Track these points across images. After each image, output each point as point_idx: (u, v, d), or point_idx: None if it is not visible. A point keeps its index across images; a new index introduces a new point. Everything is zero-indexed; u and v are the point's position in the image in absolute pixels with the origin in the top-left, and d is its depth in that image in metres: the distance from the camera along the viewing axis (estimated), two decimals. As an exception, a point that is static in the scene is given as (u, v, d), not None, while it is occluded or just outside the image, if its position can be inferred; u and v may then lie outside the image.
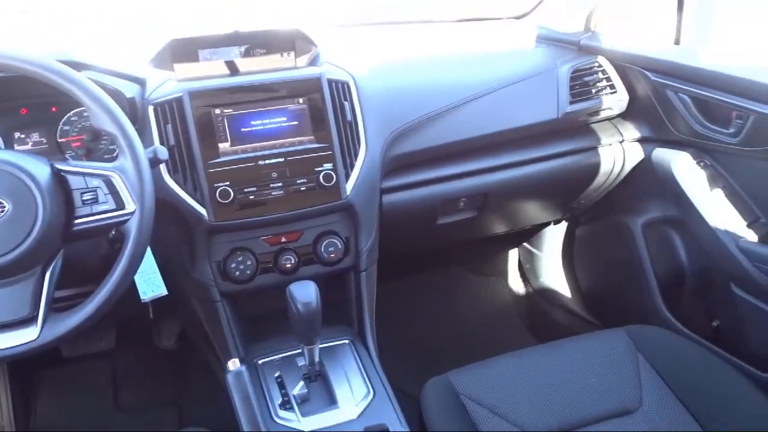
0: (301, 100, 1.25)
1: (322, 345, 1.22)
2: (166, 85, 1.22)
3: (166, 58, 1.24)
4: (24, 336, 0.90)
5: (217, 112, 1.20)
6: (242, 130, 1.21)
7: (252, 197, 1.20)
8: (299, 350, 1.24)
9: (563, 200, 1.82)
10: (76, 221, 0.92)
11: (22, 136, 1.24)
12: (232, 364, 1.02)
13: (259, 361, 1.27)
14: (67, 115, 1.26)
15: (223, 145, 1.20)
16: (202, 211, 1.17)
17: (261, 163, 1.21)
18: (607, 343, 1.30)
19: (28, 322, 0.90)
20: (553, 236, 2.12)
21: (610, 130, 1.67)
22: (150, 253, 1.18)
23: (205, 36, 1.25)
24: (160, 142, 1.17)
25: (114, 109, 0.94)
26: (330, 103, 1.26)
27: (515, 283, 2.35)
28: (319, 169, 1.24)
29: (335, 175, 1.24)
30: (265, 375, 1.23)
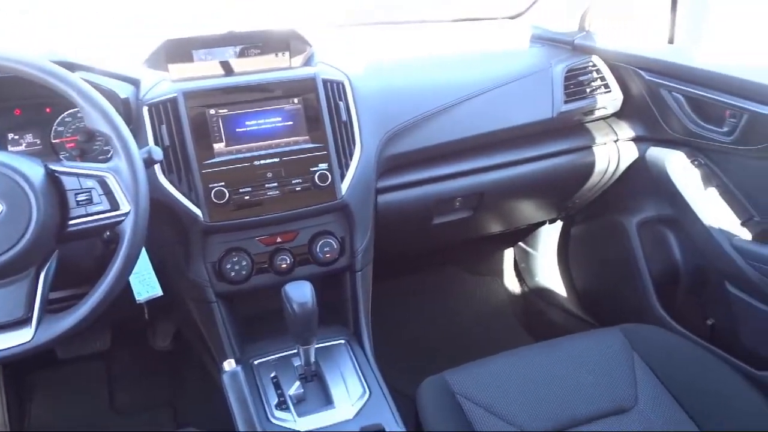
0: (296, 100, 1.25)
1: (317, 345, 1.22)
2: (161, 85, 1.22)
3: (160, 58, 1.24)
4: (18, 337, 0.89)
5: (212, 112, 1.20)
6: (237, 130, 1.21)
7: (247, 197, 1.20)
8: (295, 350, 1.24)
9: (558, 199, 1.82)
10: (71, 222, 0.91)
11: (16, 137, 1.24)
12: (228, 365, 1.02)
13: (255, 362, 1.26)
14: (61, 116, 1.25)
15: (218, 146, 1.20)
16: (197, 211, 1.17)
17: (256, 163, 1.21)
18: (603, 341, 1.31)
19: (23, 323, 0.89)
20: (549, 235, 2.12)
21: (605, 130, 1.67)
22: (145, 254, 1.17)
23: (199, 36, 1.25)
24: (155, 143, 1.16)
25: (108, 110, 0.94)
26: (325, 103, 1.26)
27: (511, 283, 2.35)
28: (315, 169, 1.24)
29: (330, 175, 1.24)
30: (261, 375, 1.23)
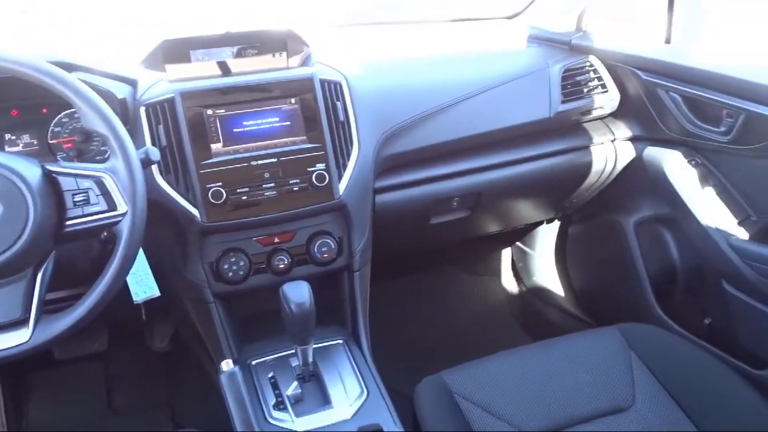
0: (293, 101, 1.25)
1: (315, 345, 1.22)
2: (158, 85, 1.21)
3: (157, 58, 1.24)
4: (15, 338, 0.89)
5: (209, 112, 1.20)
6: (234, 130, 1.21)
7: (245, 198, 1.20)
8: (293, 351, 1.24)
9: (556, 199, 1.82)
10: (68, 223, 0.91)
11: (13, 137, 1.24)
12: (226, 365, 1.02)
13: (253, 362, 1.26)
14: (58, 117, 1.25)
15: (216, 146, 1.19)
16: (195, 211, 1.17)
17: (253, 163, 1.21)
18: (600, 341, 1.31)
19: (20, 324, 0.89)
20: (546, 235, 2.12)
21: (602, 129, 1.67)
22: (142, 255, 1.17)
23: (196, 36, 1.25)
24: (152, 143, 1.16)
25: (105, 110, 0.94)
26: (322, 103, 1.26)
27: (508, 283, 2.35)
28: (312, 170, 1.24)
29: (328, 175, 1.24)
30: (259, 376, 1.23)
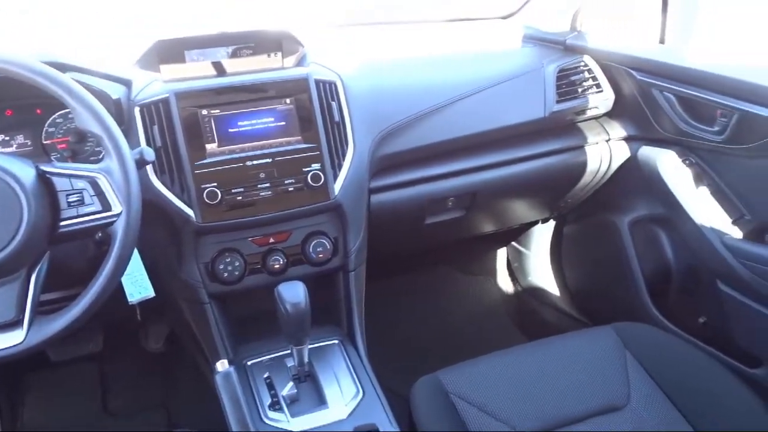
0: (288, 101, 1.25)
1: (311, 345, 1.22)
2: (153, 86, 1.21)
3: (152, 59, 1.24)
4: (9, 339, 0.89)
5: (204, 113, 1.20)
6: (229, 130, 1.21)
7: (240, 198, 1.20)
8: (288, 351, 1.24)
9: (551, 199, 1.83)
10: (62, 223, 0.91)
11: (7, 138, 1.23)
12: (221, 366, 1.02)
13: (248, 362, 1.26)
14: (52, 117, 1.25)
15: (211, 146, 1.19)
16: (190, 212, 1.17)
17: (249, 163, 1.21)
18: (595, 340, 1.31)
19: (14, 325, 0.89)
20: (541, 235, 2.13)
21: (597, 129, 1.68)
22: (137, 255, 1.17)
23: (191, 37, 1.25)
24: (147, 144, 1.16)
25: (99, 111, 0.94)
26: (317, 103, 1.26)
27: (504, 282, 2.35)
28: (307, 170, 1.23)
29: (323, 175, 1.24)
30: (254, 376, 1.23)
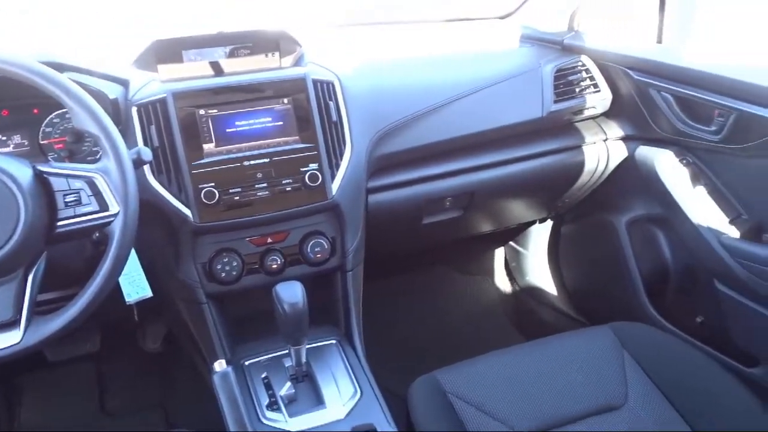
0: (285, 101, 1.25)
1: (308, 345, 1.22)
2: (150, 86, 1.21)
3: (149, 59, 1.23)
4: (6, 339, 0.88)
5: (202, 112, 1.19)
6: (227, 130, 1.21)
7: (237, 198, 1.20)
8: (286, 351, 1.24)
9: (548, 199, 1.83)
10: (59, 223, 0.91)
11: (3, 138, 1.23)
12: (219, 366, 1.02)
13: (246, 362, 1.26)
14: (49, 117, 1.25)
15: (208, 146, 1.19)
16: (187, 212, 1.17)
17: (246, 163, 1.21)
18: (593, 340, 1.31)
19: (11, 325, 0.89)
20: (539, 235, 2.13)
21: (594, 129, 1.68)
22: (134, 255, 1.17)
23: (189, 36, 1.25)
24: (144, 144, 1.16)
25: (96, 110, 0.94)
26: (315, 103, 1.26)
27: (501, 282, 2.35)
28: (305, 170, 1.23)
29: (321, 175, 1.24)
30: (252, 376, 1.23)
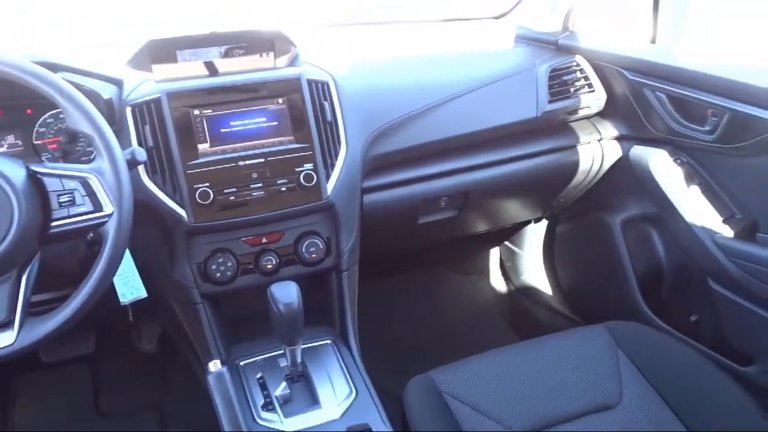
0: (280, 101, 1.25)
1: (304, 345, 1.22)
2: (144, 86, 1.21)
3: (143, 59, 1.23)
4: (0, 340, 0.88)
5: (196, 113, 1.19)
6: (222, 130, 1.21)
7: (232, 198, 1.19)
8: (281, 351, 1.24)
9: (543, 198, 1.83)
10: (53, 224, 0.91)
11: None
12: (213, 366, 1.02)
13: (241, 363, 1.26)
14: (43, 117, 1.24)
15: (203, 146, 1.19)
16: (182, 212, 1.16)
17: (241, 163, 1.20)
18: (588, 339, 1.31)
19: (5, 326, 0.88)
20: (534, 234, 2.13)
21: (589, 129, 1.68)
22: (129, 256, 1.17)
23: (183, 36, 1.24)
24: (139, 144, 1.16)
25: (90, 110, 0.93)
26: (310, 103, 1.26)
27: (497, 282, 2.36)
28: (300, 170, 1.23)
29: (316, 175, 1.24)
30: (247, 376, 1.23)
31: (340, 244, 1.31)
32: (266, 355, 1.27)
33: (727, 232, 1.46)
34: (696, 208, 1.50)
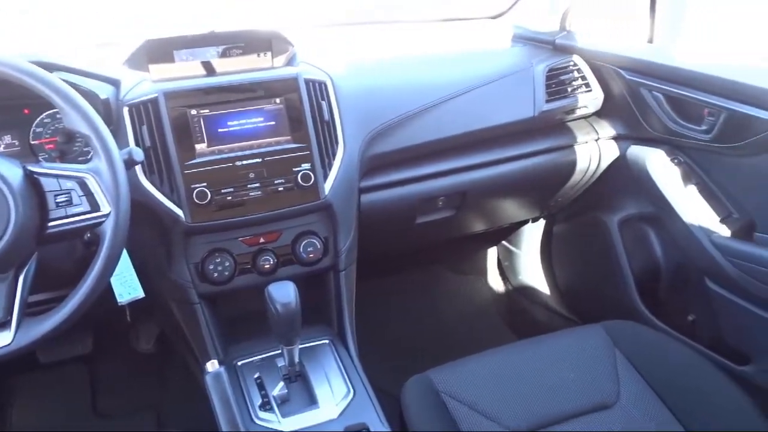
0: (278, 100, 1.25)
1: (301, 345, 1.22)
2: (141, 85, 1.21)
3: (141, 58, 1.23)
4: (-3, 341, 0.88)
5: (194, 112, 1.19)
6: (219, 130, 1.21)
7: (229, 198, 1.19)
8: (279, 351, 1.24)
9: (541, 198, 1.83)
10: (50, 224, 0.90)
11: None
12: (211, 366, 1.01)
13: (239, 363, 1.26)
14: (40, 117, 1.24)
15: (200, 146, 1.19)
16: (179, 212, 1.16)
17: (238, 163, 1.20)
18: (585, 338, 1.32)
19: (2, 326, 0.88)
20: (531, 234, 2.13)
21: (586, 128, 1.68)
22: (126, 256, 1.17)
23: (180, 36, 1.24)
24: (136, 144, 1.16)
25: (87, 110, 0.93)
26: (307, 102, 1.26)
27: (494, 282, 2.36)
28: (297, 169, 1.23)
29: (313, 175, 1.24)
30: (245, 376, 1.23)
31: (338, 243, 1.31)
32: (264, 355, 1.27)
33: (724, 231, 1.46)
34: (693, 208, 1.51)
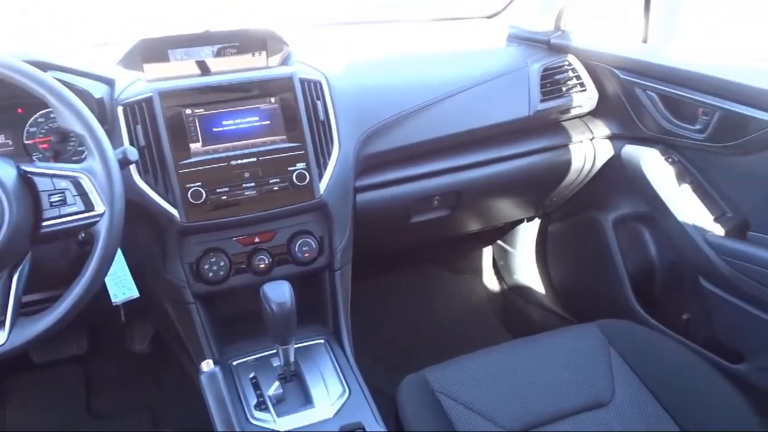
0: (273, 100, 1.25)
1: (297, 345, 1.22)
2: (136, 85, 1.20)
3: (135, 58, 1.23)
4: (-9, 341, 0.88)
5: (188, 112, 1.19)
6: (214, 130, 1.20)
7: (224, 197, 1.19)
8: (274, 351, 1.24)
9: (536, 197, 1.84)
10: (44, 223, 0.90)
11: None
12: (206, 366, 1.01)
13: (234, 363, 1.26)
14: (34, 117, 1.24)
15: (195, 146, 1.19)
16: (174, 212, 1.16)
17: (233, 163, 1.20)
18: (580, 337, 1.32)
19: (-5, 326, 0.88)
20: (527, 233, 2.14)
21: (581, 128, 1.69)
22: (120, 255, 1.16)
23: (175, 36, 1.24)
24: (130, 143, 1.15)
25: (81, 110, 0.93)
26: (302, 102, 1.26)
27: (489, 281, 2.36)
28: (292, 169, 1.23)
29: (308, 174, 1.24)
30: (240, 376, 1.23)
31: (333, 243, 1.31)
32: (259, 355, 1.27)
33: (718, 230, 1.47)
34: (687, 207, 1.51)
